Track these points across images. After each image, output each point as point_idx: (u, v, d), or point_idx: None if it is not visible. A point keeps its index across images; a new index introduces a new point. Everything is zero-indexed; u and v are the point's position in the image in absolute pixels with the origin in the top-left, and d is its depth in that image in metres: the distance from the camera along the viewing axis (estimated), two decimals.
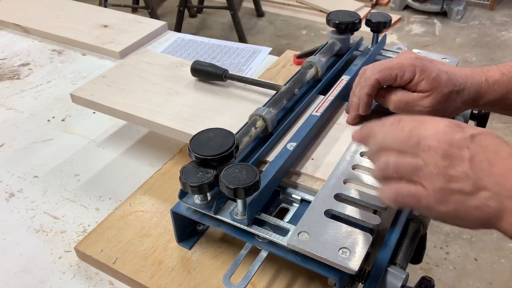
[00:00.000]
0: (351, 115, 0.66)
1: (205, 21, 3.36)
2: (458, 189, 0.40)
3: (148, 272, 0.57)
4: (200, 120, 0.71)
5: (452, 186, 0.40)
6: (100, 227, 0.63)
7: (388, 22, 0.81)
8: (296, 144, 0.60)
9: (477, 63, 2.74)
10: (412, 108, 0.60)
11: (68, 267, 0.61)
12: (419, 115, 0.46)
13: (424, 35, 3.08)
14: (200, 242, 0.60)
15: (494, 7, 3.34)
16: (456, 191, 0.40)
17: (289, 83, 0.70)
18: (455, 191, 0.40)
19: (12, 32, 1.18)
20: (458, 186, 0.40)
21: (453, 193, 0.40)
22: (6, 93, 0.96)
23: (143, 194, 0.68)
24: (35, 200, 0.71)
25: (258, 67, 1.03)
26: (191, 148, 0.53)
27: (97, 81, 0.80)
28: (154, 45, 1.12)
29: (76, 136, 0.84)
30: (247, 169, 0.50)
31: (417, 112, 0.59)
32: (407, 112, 0.60)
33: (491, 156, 0.41)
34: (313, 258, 0.48)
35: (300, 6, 3.38)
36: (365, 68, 0.63)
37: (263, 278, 0.56)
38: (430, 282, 0.49)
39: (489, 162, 0.40)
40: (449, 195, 0.41)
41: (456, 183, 0.40)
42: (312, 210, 0.52)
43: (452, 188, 0.40)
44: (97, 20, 1.17)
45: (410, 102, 0.60)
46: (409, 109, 0.60)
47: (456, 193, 0.40)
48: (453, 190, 0.40)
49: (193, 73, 0.80)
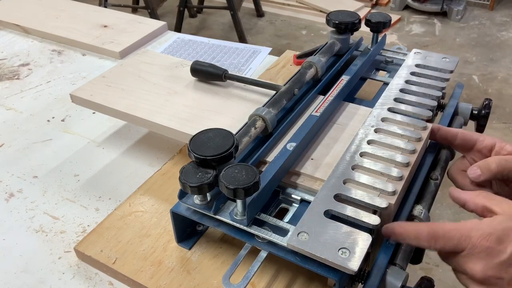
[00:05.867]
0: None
1: (205, 21, 3.36)
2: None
3: (147, 272, 0.57)
4: (199, 120, 0.71)
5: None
6: (100, 227, 0.63)
7: (388, 22, 0.81)
8: (296, 144, 0.60)
9: (477, 63, 2.74)
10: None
11: (68, 267, 0.61)
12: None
13: (424, 35, 3.08)
14: (199, 242, 0.60)
15: (494, 7, 3.34)
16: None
17: (289, 83, 0.70)
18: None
19: (12, 32, 1.18)
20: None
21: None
22: (6, 93, 0.96)
23: (142, 194, 0.68)
24: (34, 200, 0.71)
25: (258, 67, 1.03)
26: (190, 148, 0.53)
27: (97, 81, 0.80)
28: (154, 45, 1.12)
29: (75, 136, 0.84)
30: (247, 170, 0.50)
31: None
32: (508, 171, 0.58)
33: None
34: (313, 258, 0.48)
35: (300, 6, 3.38)
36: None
37: (263, 278, 0.56)
38: (430, 282, 0.49)
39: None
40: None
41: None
42: (312, 210, 0.52)
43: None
44: (97, 20, 1.17)
45: (510, 159, 0.58)
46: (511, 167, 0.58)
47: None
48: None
49: (193, 73, 0.80)
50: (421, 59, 0.78)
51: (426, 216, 0.58)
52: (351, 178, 0.56)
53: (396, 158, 0.58)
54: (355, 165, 0.58)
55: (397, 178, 0.56)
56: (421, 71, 0.75)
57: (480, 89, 2.52)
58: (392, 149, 0.60)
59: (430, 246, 0.49)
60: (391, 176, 0.56)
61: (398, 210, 0.57)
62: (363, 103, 0.74)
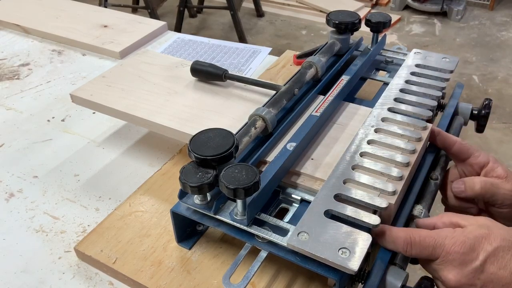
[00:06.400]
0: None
1: (205, 21, 3.36)
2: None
3: (148, 272, 0.57)
4: (199, 120, 0.71)
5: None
6: (100, 227, 0.63)
7: (388, 22, 0.81)
8: (296, 144, 0.60)
9: (477, 63, 2.74)
10: (498, 191, 0.60)
11: (68, 267, 0.61)
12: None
13: (424, 35, 3.08)
14: (200, 242, 0.60)
15: (494, 7, 3.34)
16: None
17: (289, 83, 0.70)
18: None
19: (12, 32, 1.18)
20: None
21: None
22: (6, 93, 0.96)
23: (142, 194, 0.68)
24: (34, 200, 0.71)
25: (258, 67, 1.03)
26: (191, 148, 0.53)
27: (97, 81, 0.80)
28: (154, 45, 1.12)
29: (75, 136, 0.84)
30: (247, 169, 0.50)
31: (501, 195, 0.60)
32: (491, 195, 0.60)
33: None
34: (313, 258, 0.48)
35: (300, 6, 3.38)
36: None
37: (263, 278, 0.56)
38: (430, 282, 0.49)
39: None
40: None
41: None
42: (312, 210, 0.52)
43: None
44: (97, 20, 1.17)
45: (495, 184, 0.60)
46: (495, 191, 0.60)
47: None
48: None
49: (193, 73, 0.80)
50: (421, 59, 0.78)
51: (426, 216, 0.58)
52: (351, 178, 0.56)
53: (396, 158, 0.58)
54: (355, 165, 0.58)
55: (397, 178, 0.56)
56: (421, 71, 0.75)
57: (480, 89, 2.52)
58: (392, 149, 0.60)
59: (405, 252, 0.50)
60: (391, 176, 0.56)
61: (398, 210, 0.57)
62: (363, 103, 0.74)
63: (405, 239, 0.50)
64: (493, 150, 2.10)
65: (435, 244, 0.49)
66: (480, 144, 2.11)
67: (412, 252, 0.50)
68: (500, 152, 2.10)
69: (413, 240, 0.50)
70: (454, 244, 0.48)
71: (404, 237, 0.50)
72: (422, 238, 0.49)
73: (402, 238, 0.50)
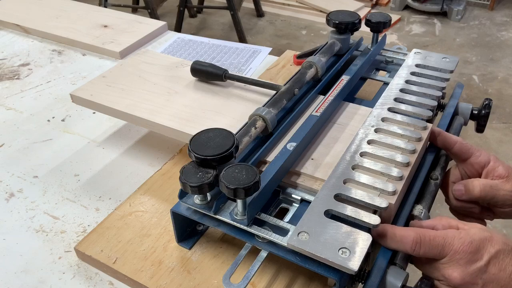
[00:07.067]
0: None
1: (205, 21, 3.36)
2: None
3: (148, 272, 0.57)
4: (200, 120, 0.71)
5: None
6: (100, 227, 0.63)
7: (388, 22, 0.81)
8: (296, 144, 0.60)
9: (477, 63, 2.74)
10: (498, 192, 0.60)
11: (68, 267, 0.61)
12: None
13: (424, 35, 3.08)
14: (200, 242, 0.60)
15: (494, 7, 3.34)
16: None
17: (289, 83, 0.70)
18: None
19: (12, 32, 1.18)
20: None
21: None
22: (6, 93, 0.96)
23: (143, 194, 0.68)
24: (35, 200, 0.71)
25: (258, 67, 1.03)
26: (191, 148, 0.53)
27: (97, 81, 0.80)
28: (154, 45, 1.12)
29: (76, 136, 0.84)
30: (247, 169, 0.50)
31: (501, 196, 0.60)
32: (491, 198, 0.61)
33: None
34: (313, 258, 0.48)
35: (300, 6, 3.38)
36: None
37: (263, 278, 0.56)
38: (430, 282, 0.49)
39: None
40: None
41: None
42: (312, 210, 0.52)
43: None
44: (97, 20, 1.17)
45: (495, 186, 0.61)
46: (495, 194, 0.61)
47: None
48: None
49: (193, 73, 0.80)
50: (421, 59, 0.78)
51: (426, 216, 0.58)
52: (351, 178, 0.56)
53: (396, 158, 0.58)
54: (355, 165, 0.58)
55: (397, 178, 0.56)
56: (421, 71, 0.75)
57: (480, 89, 2.52)
58: (392, 149, 0.60)
59: (413, 251, 0.50)
60: (391, 176, 0.56)
61: (398, 210, 0.57)
62: (363, 103, 0.74)
63: (414, 238, 0.50)
64: (493, 150, 2.10)
65: (445, 243, 0.49)
66: (480, 144, 2.11)
67: (420, 251, 0.50)
68: (500, 152, 2.10)
69: (423, 239, 0.50)
70: (462, 244, 0.49)
71: (414, 236, 0.50)
72: (432, 237, 0.50)
73: (411, 237, 0.50)
